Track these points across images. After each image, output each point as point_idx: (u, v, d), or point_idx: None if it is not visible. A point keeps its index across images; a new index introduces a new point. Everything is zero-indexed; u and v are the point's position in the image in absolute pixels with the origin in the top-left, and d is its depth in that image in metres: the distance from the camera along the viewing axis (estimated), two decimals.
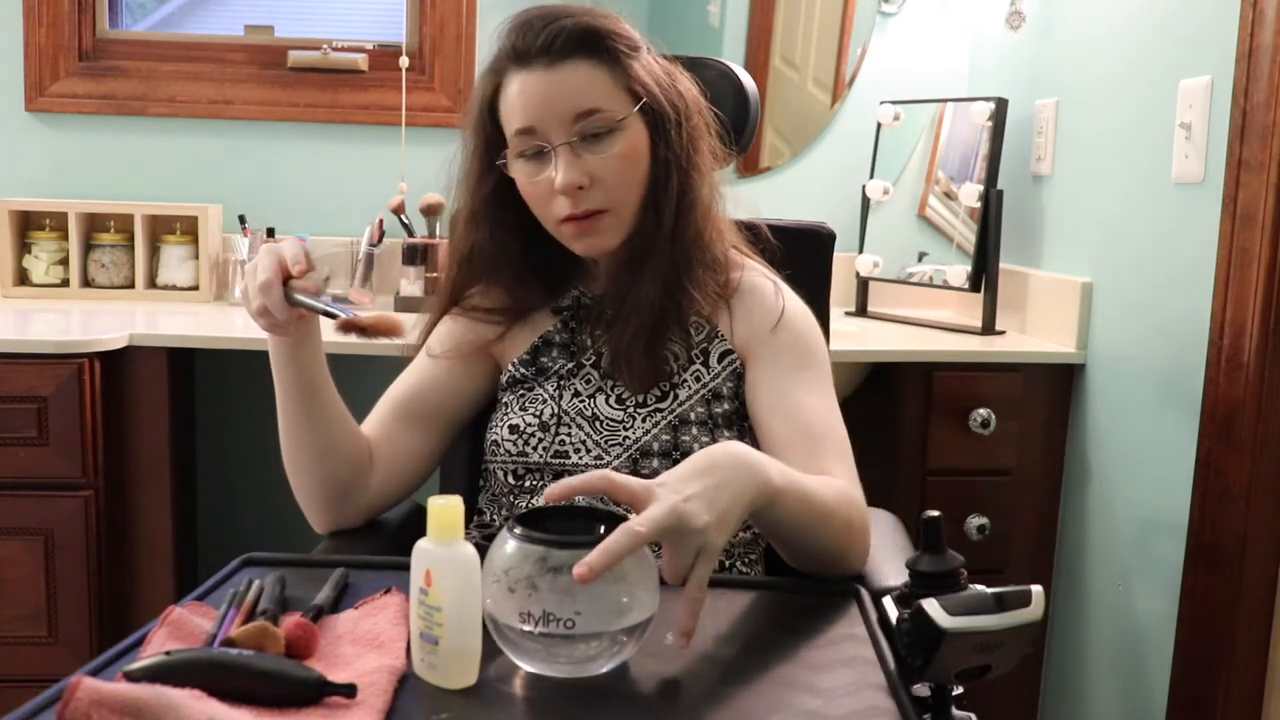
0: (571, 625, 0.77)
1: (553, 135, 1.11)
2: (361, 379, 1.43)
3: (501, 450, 1.18)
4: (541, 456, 1.16)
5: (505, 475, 1.19)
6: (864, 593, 0.99)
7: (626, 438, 1.15)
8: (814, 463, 1.07)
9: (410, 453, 1.19)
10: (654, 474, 1.12)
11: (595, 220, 1.14)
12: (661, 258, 1.16)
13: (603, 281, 1.23)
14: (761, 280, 1.23)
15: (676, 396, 1.17)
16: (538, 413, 1.18)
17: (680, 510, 0.84)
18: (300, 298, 1.00)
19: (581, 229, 1.14)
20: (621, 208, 1.15)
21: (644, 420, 1.16)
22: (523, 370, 1.21)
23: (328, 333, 1.09)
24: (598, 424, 1.16)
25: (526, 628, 0.78)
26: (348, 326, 0.99)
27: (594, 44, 1.11)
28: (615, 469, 1.13)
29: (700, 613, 0.85)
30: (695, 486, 0.87)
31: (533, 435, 1.17)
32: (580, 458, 1.15)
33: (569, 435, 1.16)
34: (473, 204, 1.21)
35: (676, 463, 1.12)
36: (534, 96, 1.11)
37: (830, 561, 1.05)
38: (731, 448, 0.94)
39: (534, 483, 1.17)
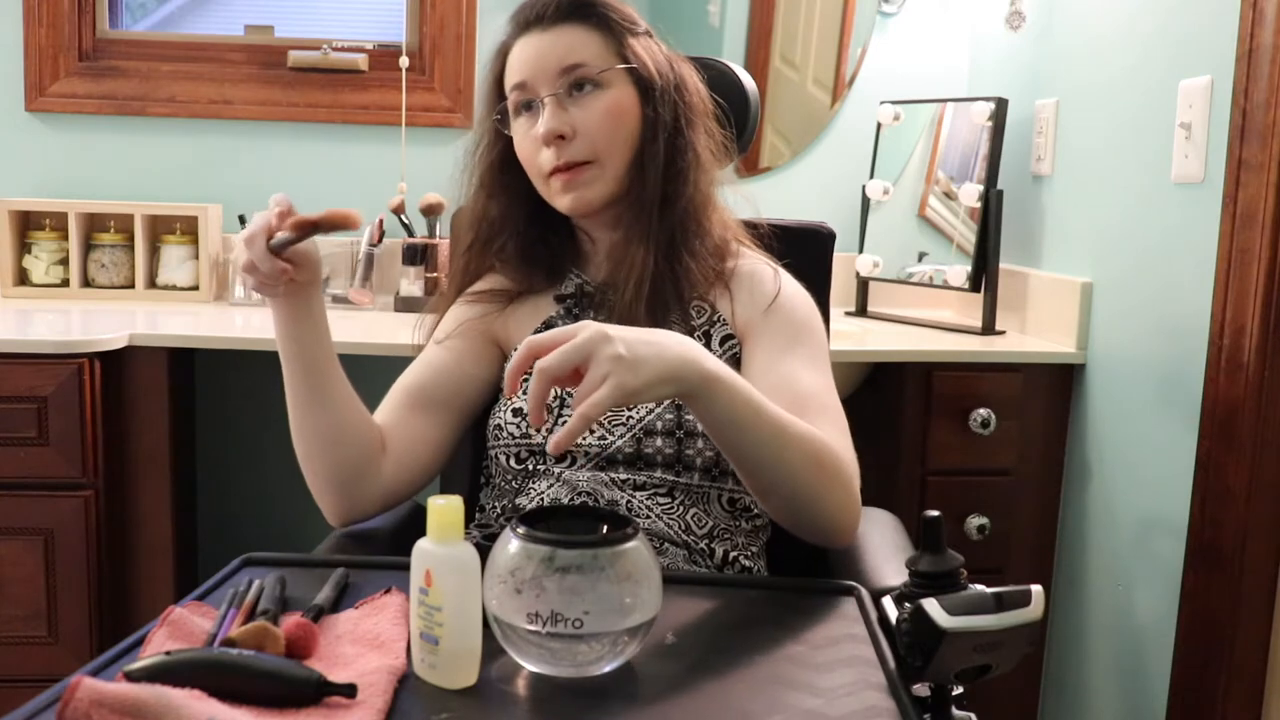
0: (579, 625, 0.77)
1: (541, 88, 1.17)
2: (369, 377, 1.43)
3: (504, 434, 1.19)
4: (544, 438, 1.16)
5: (508, 460, 1.19)
6: (864, 593, 0.99)
7: (630, 417, 1.16)
8: None
9: (423, 439, 1.19)
10: (658, 452, 1.14)
11: (579, 171, 1.18)
12: (651, 222, 1.18)
13: (603, 267, 1.25)
14: (760, 265, 1.25)
15: None
16: None
17: (597, 338, 0.89)
18: (278, 238, 1.01)
19: (566, 180, 1.18)
20: (606, 161, 1.18)
21: None
22: None
23: (335, 327, 1.09)
24: None
25: (533, 628, 0.78)
26: (301, 225, 1.00)
27: (587, 11, 1.18)
28: (619, 449, 1.14)
29: (579, 435, 0.88)
30: (623, 332, 0.91)
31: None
32: (584, 437, 1.16)
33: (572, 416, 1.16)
34: (480, 171, 1.26)
35: (680, 442, 1.14)
36: (528, 54, 1.18)
37: (804, 502, 1.03)
38: (682, 336, 0.97)
39: (536, 465, 1.18)
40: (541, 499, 1.15)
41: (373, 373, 1.46)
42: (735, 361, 1.20)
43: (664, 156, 1.19)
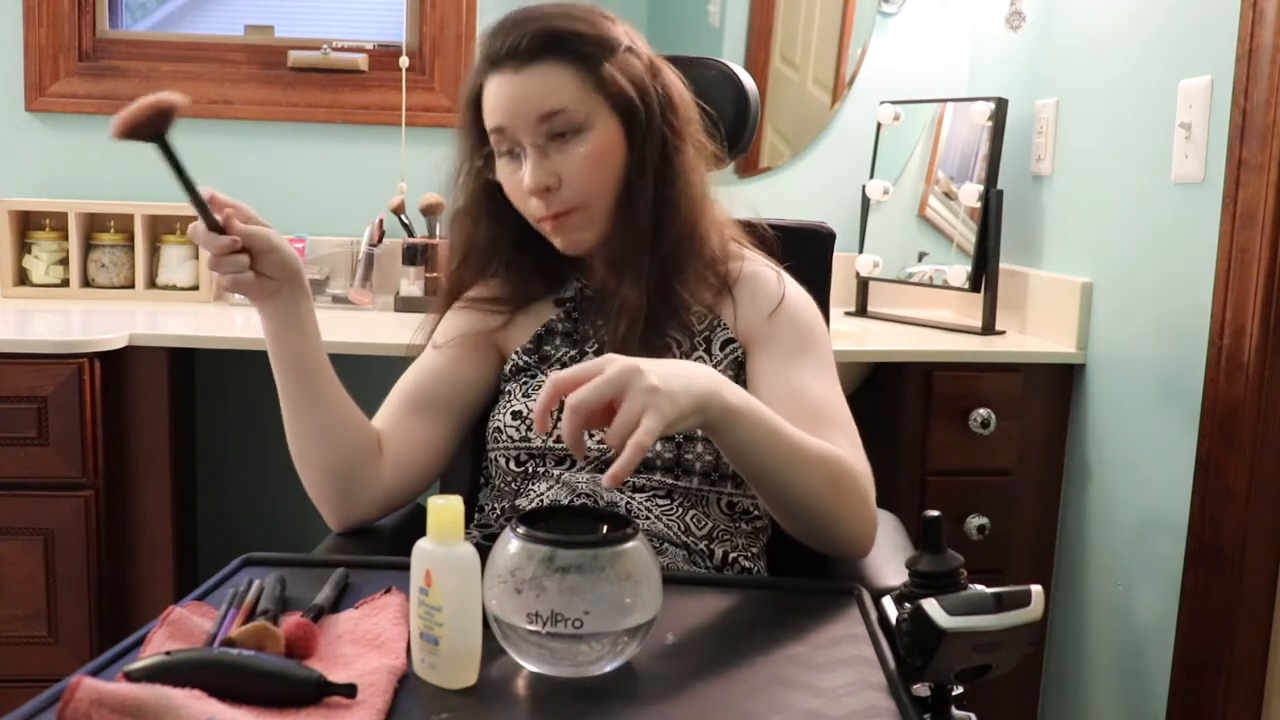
0: (579, 625, 0.77)
1: (522, 136, 1.13)
2: (364, 380, 1.43)
3: (504, 437, 1.19)
4: (544, 441, 1.17)
5: (507, 462, 1.19)
6: (864, 593, 0.99)
7: None
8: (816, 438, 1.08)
9: (421, 442, 1.19)
10: (657, 456, 1.14)
11: (568, 218, 1.16)
12: (641, 259, 1.16)
13: (601, 271, 1.24)
14: (764, 269, 1.24)
15: None
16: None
17: (630, 370, 0.89)
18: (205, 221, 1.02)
19: (556, 226, 1.17)
20: (592, 205, 1.16)
21: None
22: (526, 358, 1.22)
23: (335, 327, 1.09)
24: None
25: (533, 628, 0.78)
26: (125, 128, 1.04)
27: (560, 45, 1.12)
28: (617, 453, 1.14)
29: (635, 466, 0.87)
30: (652, 364, 0.91)
31: (535, 421, 1.17)
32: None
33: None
34: (465, 199, 1.23)
35: (680, 446, 1.14)
36: (504, 98, 1.13)
37: (822, 522, 1.04)
38: (704, 367, 0.98)
39: (535, 468, 1.17)
40: (541, 501, 1.15)
41: (372, 373, 1.46)
42: (738, 365, 1.20)
43: (652, 189, 1.16)
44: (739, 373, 1.19)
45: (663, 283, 1.17)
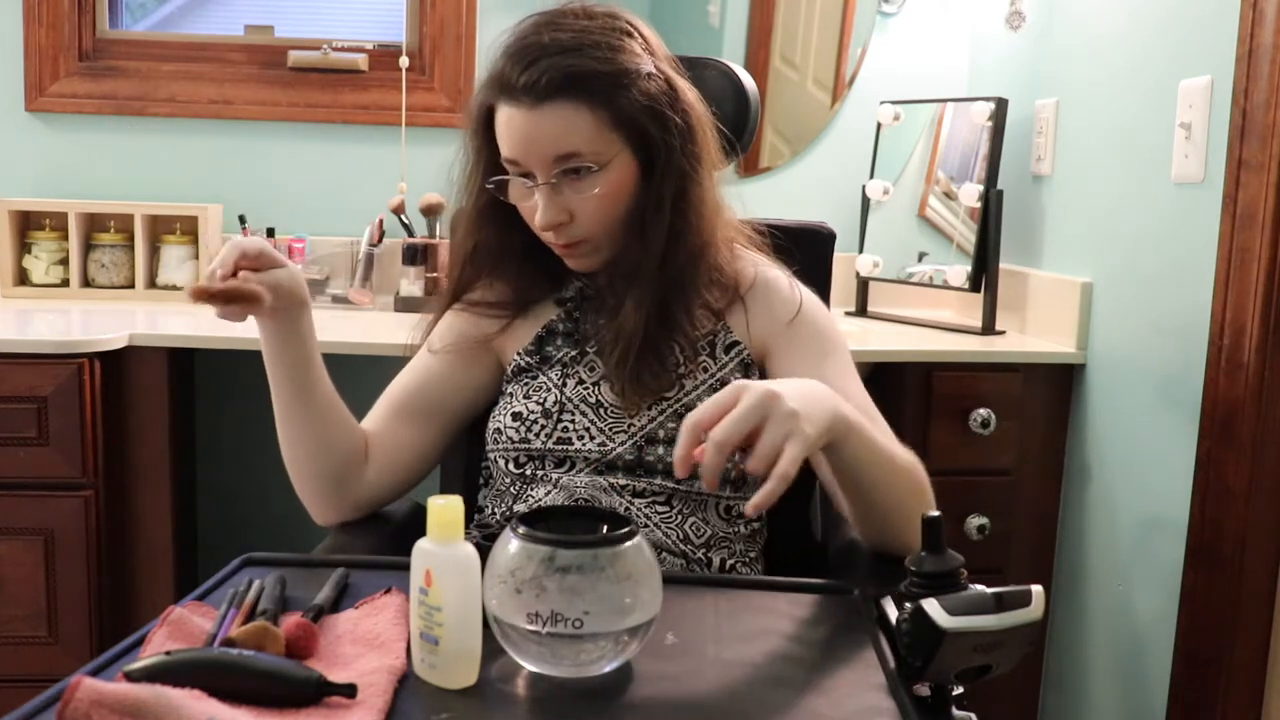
0: (579, 625, 0.77)
1: (536, 172, 1.12)
2: (363, 379, 1.43)
3: (503, 438, 1.19)
4: (544, 443, 1.17)
5: (507, 464, 1.19)
6: (864, 593, 0.99)
7: (631, 425, 1.15)
8: None
9: (407, 446, 1.20)
10: (658, 460, 1.13)
11: (577, 247, 1.16)
12: (646, 286, 1.15)
13: (604, 279, 1.24)
14: (774, 274, 1.24)
15: (683, 386, 1.17)
16: (541, 400, 1.19)
17: (768, 398, 0.89)
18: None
19: (566, 253, 1.18)
20: (599, 239, 1.16)
21: (649, 408, 1.16)
22: (528, 359, 1.22)
23: (335, 327, 1.09)
24: (601, 411, 1.17)
25: (533, 628, 0.78)
26: (199, 296, 1.00)
27: (577, 86, 1.09)
28: (619, 455, 1.14)
29: (777, 496, 0.87)
30: (783, 387, 0.91)
31: (535, 422, 1.17)
32: (583, 444, 1.16)
33: (572, 422, 1.17)
34: (474, 204, 1.22)
35: None
36: (518, 133, 1.11)
37: (899, 528, 1.06)
38: (823, 385, 0.98)
39: (535, 470, 1.17)
40: (540, 506, 1.15)
41: (371, 374, 1.46)
42: (744, 367, 1.20)
43: (667, 223, 1.15)
44: (745, 373, 1.19)
45: (664, 307, 1.16)
